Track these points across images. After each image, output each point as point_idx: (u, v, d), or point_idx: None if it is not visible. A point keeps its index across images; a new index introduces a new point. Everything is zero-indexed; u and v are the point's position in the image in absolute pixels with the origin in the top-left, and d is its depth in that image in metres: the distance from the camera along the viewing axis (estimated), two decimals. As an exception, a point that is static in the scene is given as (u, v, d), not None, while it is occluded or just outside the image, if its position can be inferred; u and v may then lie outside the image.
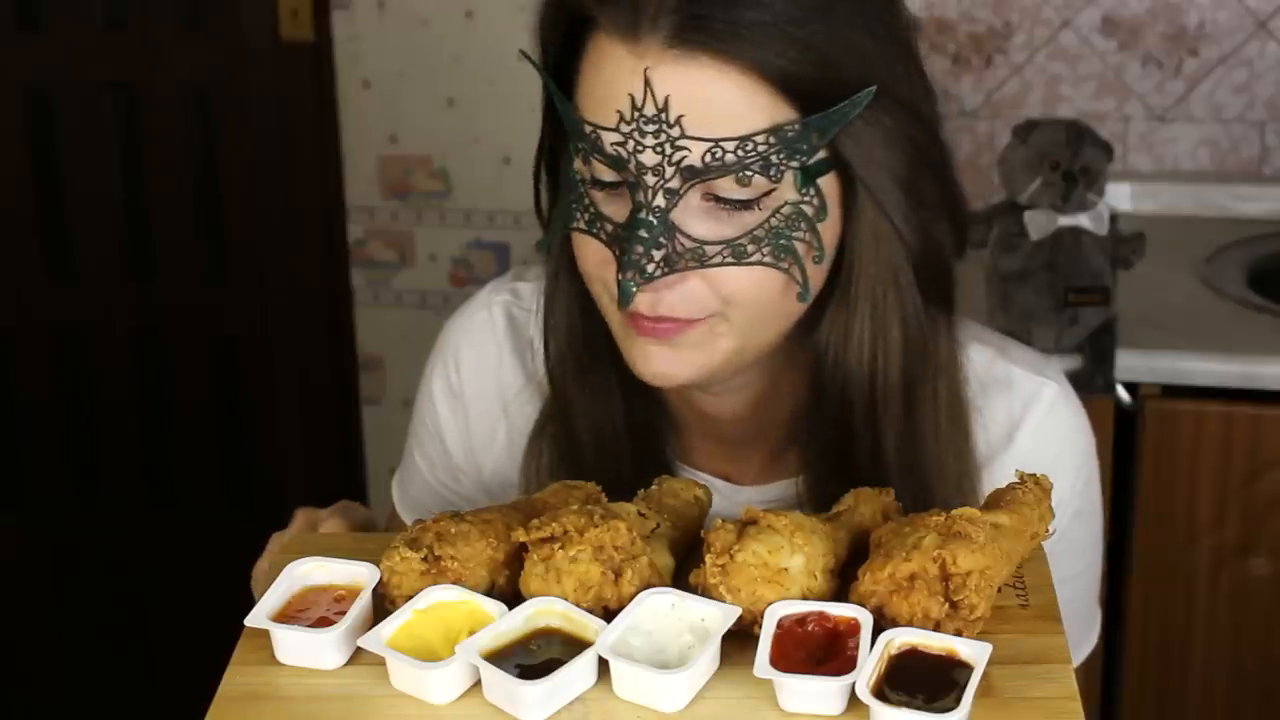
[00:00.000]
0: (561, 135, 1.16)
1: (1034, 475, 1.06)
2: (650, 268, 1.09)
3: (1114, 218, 2.11)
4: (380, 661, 0.93)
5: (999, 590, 0.97)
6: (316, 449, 2.97)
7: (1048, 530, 1.04)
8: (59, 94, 2.90)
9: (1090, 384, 2.04)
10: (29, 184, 2.93)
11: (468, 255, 2.86)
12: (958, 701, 0.87)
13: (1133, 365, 2.07)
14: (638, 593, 0.96)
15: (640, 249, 1.09)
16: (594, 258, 1.14)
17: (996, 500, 1.03)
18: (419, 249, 2.88)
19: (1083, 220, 2.08)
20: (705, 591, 0.95)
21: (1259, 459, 2.06)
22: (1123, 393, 2.08)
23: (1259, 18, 2.53)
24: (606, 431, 1.24)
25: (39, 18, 2.88)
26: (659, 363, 1.15)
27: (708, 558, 0.96)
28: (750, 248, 1.10)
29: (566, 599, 0.95)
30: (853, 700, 0.88)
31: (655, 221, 1.09)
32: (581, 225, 1.14)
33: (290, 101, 2.85)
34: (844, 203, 1.13)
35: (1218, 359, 2.06)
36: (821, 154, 1.10)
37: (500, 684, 0.90)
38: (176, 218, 2.93)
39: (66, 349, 2.99)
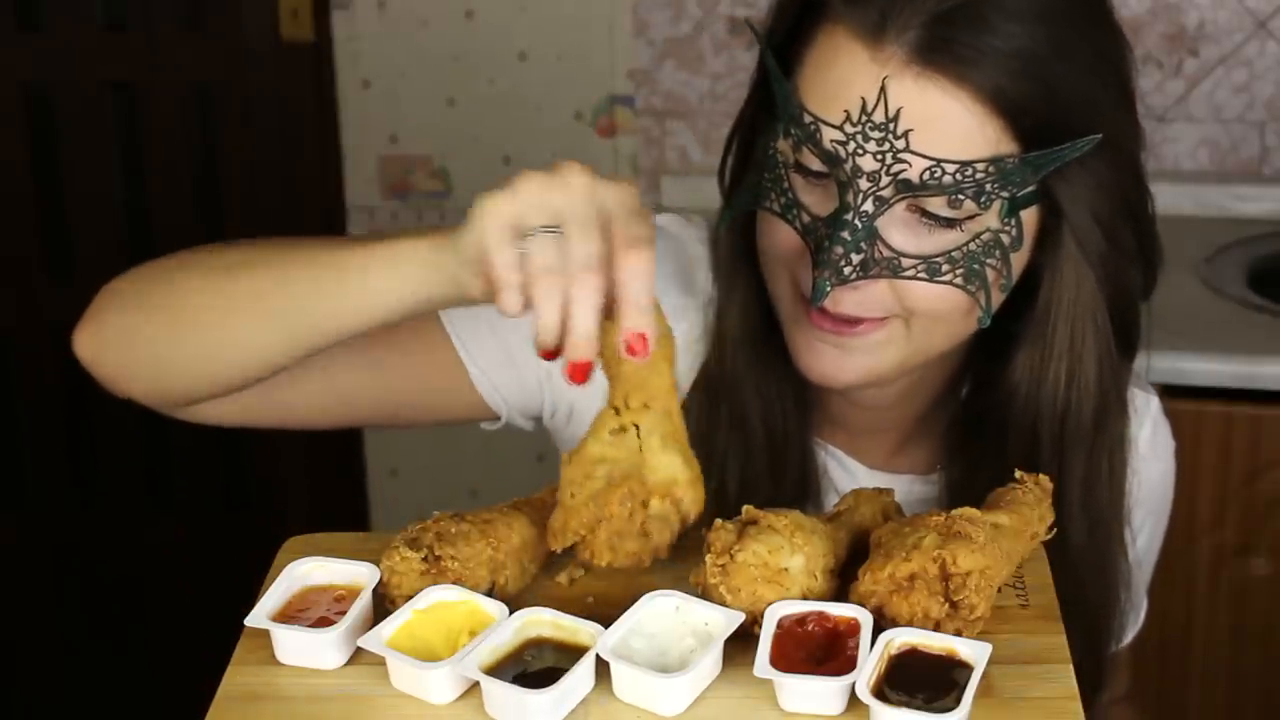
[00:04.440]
0: (767, 111, 1.16)
1: (1034, 475, 1.06)
2: (847, 270, 1.10)
3: (1114, 218, 2.11)
4: (380, 661, 0.93)
5: (999, 590, 0.97)
6: (316, 449, 2.97)
7: (1048, 530, 1.04)
8: (59, 94, 2.90)
9: (1090, 384, 2.04)
10: (29, 184, 2.93)
11: (468, 255, 2.86)
12: (958, 701, 0.87)
13: (1133, 365, 2.07)
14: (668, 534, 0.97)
15: (840, 250, 1.10)
16: (785, 244, 1.15)
17: (996, 500, 1.03)
18: (419, 249, 2.88)
19: (1083, 220, 2.08)
20: (705, 591, 0.95)
21: (1259, 459, 2.06)
22: (1123, 393, 2.08)
23: (1259, 18, 2.53)
24: (774, 411, 1.25)
25: (39, 18, 2.88)
26: (826, 362, 1.16)
27: (708, 558, 0.96)
28: (945, 267, 1.11)
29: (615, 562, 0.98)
30: (853, 700, 0.88)
31: (860, 226, 1.10)
32: (776, 208, 1.15)
33: (290, 101, 2.85)
34: (1039, 236, 1.15)
35: (1218, 359, 2.05)
36: (1030, 187, 1.11)
37: (507, 696, 0.89)
38: (176, 218, 2.93)
39: (66, 349, 2.98)
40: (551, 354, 0.97)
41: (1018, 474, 1.06)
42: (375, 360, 1.23)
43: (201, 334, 1.14)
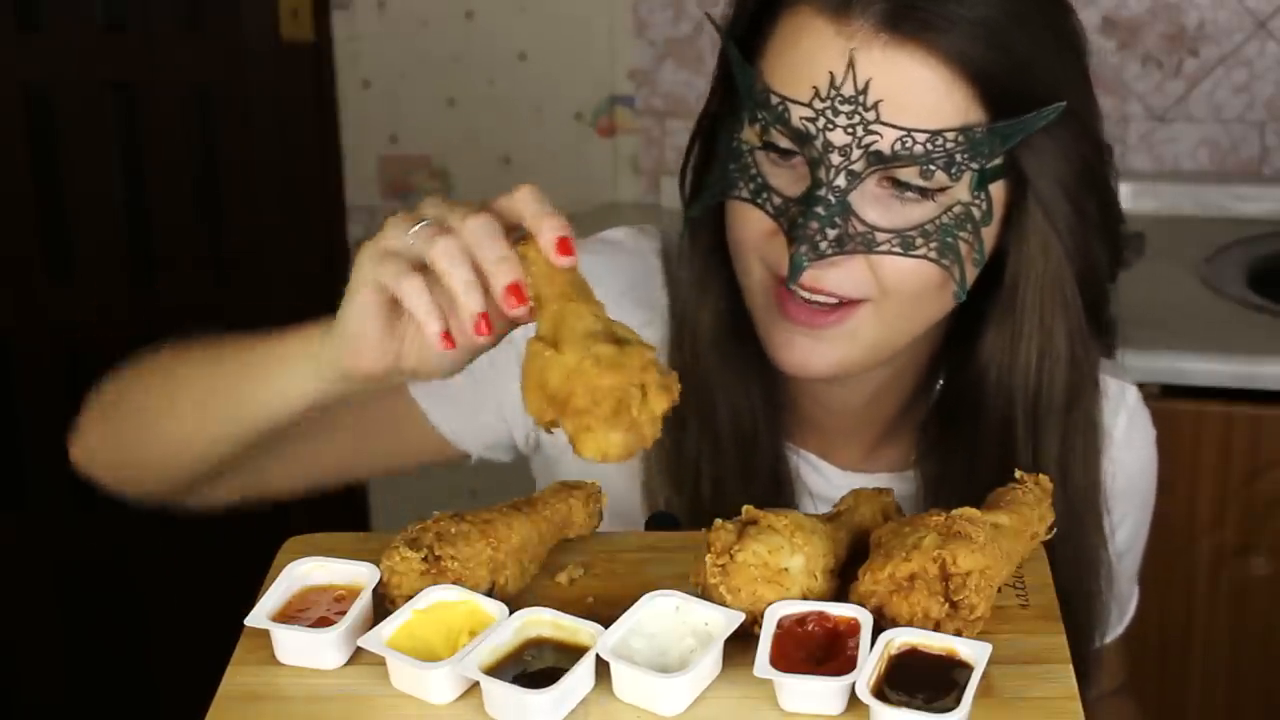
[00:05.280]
0: (730, 103, 1.17)
1: (1034, 475, 1.06)
2: (823, 245, 1.10)
3: (1114, 218, 2.11)
4: (380, 661, 0.93)
5: (999, 590, 0.97)
6: (316, 449, 2.97)
7: (1048, 530, 1.04)
8: (59, 94, 2.90)
9: (1090, 384, 2.04)
10: (29, 184, 2.93)
11: (468, 255, 2.86)
12: (958, 701, 0.87)
13: (1133, 365, 2.06)
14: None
15: (815, 225, 1.10)
16: (756, 228, 1.15)
17: (996, 500, 1.03)
18: (419, 249, 2.88)
19: (1083, 220, 2.08)
20: (705, 591, 0.95)
21: (1259, 459, 2.06)
22: (1123, 393, 2.08)
23: (1259, 18, 2.53)
24: (745, 415, 1.24)
25: (39, 18, 2.88)
26: (799, 353, 1.16)
27: (708, 558, 0.95)
28: (919, 241, 1.12)
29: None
30: (853, 700, 0.88)
31: (834, 201, 1.10)
32: (745, 194, 1.15)
33: (290, 101, 2.85)
34: (1007, 211, 1.15)
35: (1218, 359, 2.05)
36: (998, 159, 1.12)
37: (507, 696, 0.89)
38: (176, 218, 2.93)
39: (66, 349, 2.99)
40: (488, 328, 0.97)
41: (1018, 474, 1.06)
42: (344, 425, 1.26)
43: (159, 434, 1.20)
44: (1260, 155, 2.58)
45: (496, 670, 0.91)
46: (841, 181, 1.10)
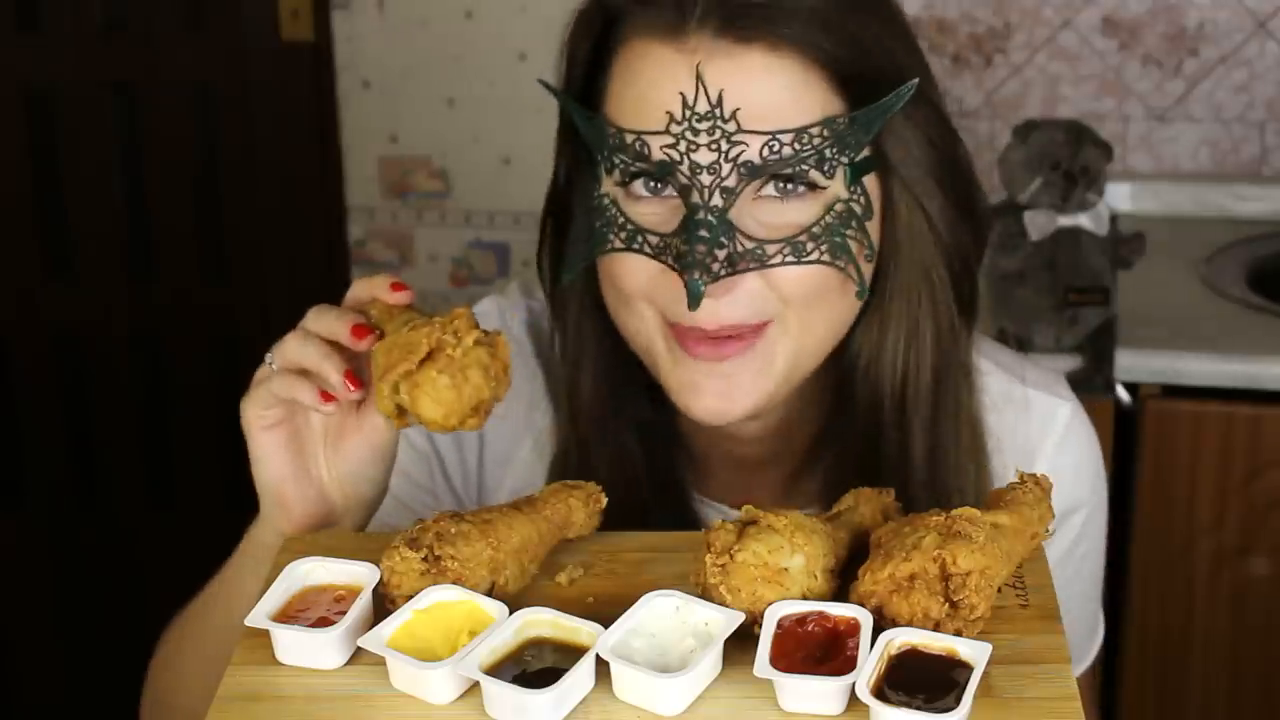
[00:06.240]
0: (581, 166, 1.14)
1: (1034, 475, 1.06)
2: (715, 267, 1.07)
3: (1114, 218, 2.12)
4: (380, 661, 0.93)
5: (999, 590, 0.97)
6: (316, 449, 2.97)
7: (1048, 530, 1.04)
8: (59, 94, 2.90)
9: (1090, 384, 2.04)
10: (29, 184, 2.93)
11: (468, 255, 2.86)
12: (958, 701, 0.87)
13: (1133, 365, 2.07)
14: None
15: (703, 247, 1.07)
16: (640, 273, 1.11)
17: (996, 500, 1.03)
18: (419, 249, 2.88)
19: (1082, 220, 2.09)
20: (705, 591, 0.95)
21: (1259, 459, 2.06)
22: (1123, 393, 2.08)
23: (1259, 18, 2.53)
24: (630, 473, 1.22)
25: (39, 18, 2.88)
26: (713, 397, 1.12)
27: (708, 558, 0.95)
28: (809, 245, 1.09)
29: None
30: (853, 700, 0.88)
31: (715, 221, 1.07)
32: (619, 244, 1.11)
33: (290, 101, 2.85)
34: (883, 203, 1.14)
35: (1218, 359, 2.06)
36: (866, 152, 1.10)
37: (507, 697, 0.89)
38: (176, 217, 2.93)
39: (66, 349, 2.99)
40: (356, 380, 1.07)
41: (1017, 474, 1.06)
42: None
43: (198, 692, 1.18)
44: (1260, 155, 2.58)
45: (496, 670, 0.91)
46: (718, 200, 1.07)
